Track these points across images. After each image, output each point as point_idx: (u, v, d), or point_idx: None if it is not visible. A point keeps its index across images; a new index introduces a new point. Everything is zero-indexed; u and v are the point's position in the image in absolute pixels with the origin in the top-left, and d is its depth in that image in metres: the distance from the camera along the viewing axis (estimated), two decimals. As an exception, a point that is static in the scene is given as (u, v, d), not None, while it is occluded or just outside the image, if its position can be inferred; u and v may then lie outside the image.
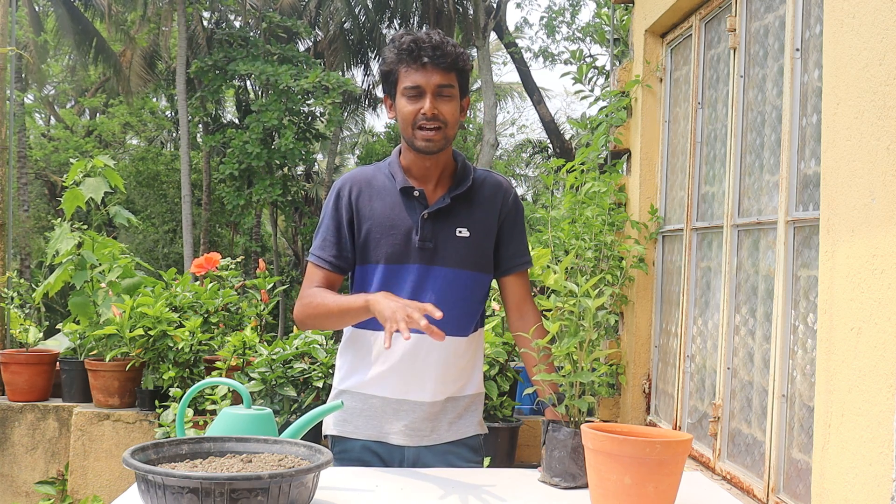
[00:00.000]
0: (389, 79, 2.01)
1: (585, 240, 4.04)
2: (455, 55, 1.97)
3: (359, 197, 2.05)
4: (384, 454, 2.07)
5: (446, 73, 1.96)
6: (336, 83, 14.46)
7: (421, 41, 1.95)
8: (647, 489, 1.50)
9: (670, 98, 4.10)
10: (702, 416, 3.48)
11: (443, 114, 1.96)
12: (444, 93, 1.96)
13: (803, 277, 2.65)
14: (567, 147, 14.82)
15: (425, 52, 1.94)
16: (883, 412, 1.80)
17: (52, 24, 17.06)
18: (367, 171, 2.11)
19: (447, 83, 1.96)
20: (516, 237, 2.13)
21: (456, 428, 2.08)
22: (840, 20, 2.07)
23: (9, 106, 5.40)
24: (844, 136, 2.01)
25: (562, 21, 14.65)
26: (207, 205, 17.17)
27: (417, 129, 1.97)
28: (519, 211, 2.14)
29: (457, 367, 2.07)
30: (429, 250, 2.02)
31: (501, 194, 2.11)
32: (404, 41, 1.96)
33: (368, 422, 2.06)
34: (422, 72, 1.94)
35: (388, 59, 2.00)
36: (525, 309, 2.14)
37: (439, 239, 2.02)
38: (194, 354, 4.08)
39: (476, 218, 2.05)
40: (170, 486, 1.36)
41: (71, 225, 4.63)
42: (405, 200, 2.04)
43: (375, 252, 2.03)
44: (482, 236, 2.05)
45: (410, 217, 2.02)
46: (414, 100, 1.96)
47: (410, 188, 2.03)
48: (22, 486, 4.48)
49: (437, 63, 1.94)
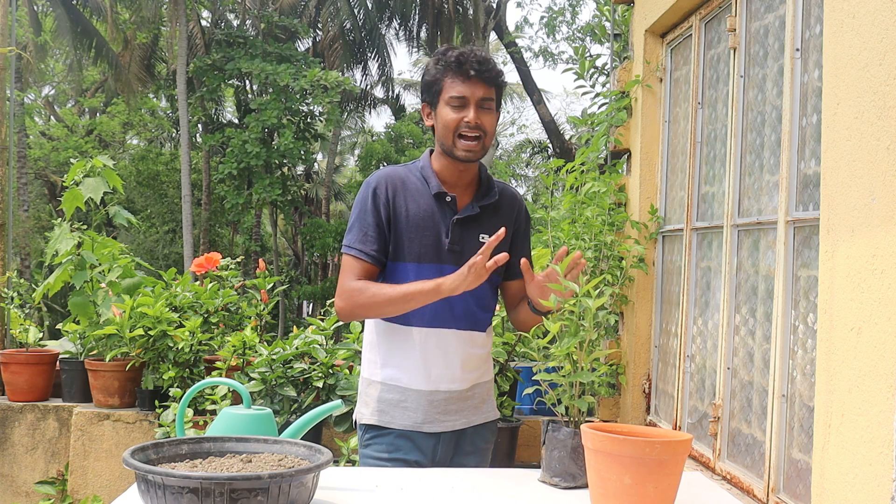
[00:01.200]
0: (433, 88, 2.14)
1: (585, 240, 4.04)
2: (498, 71, 2.13)
3: (395, 196, 2.16)
4: (419, 441, 2.18)
5: (489, 87, 2.11)
6: (334, 82, 14.47)
7: (469, 55, 2.10)
8: (647, 489, 1.50)
9: (670, 98, 4.10)
10: (702, 416, 3.48)
11: (484, 124, 2.11)
12: (486, 105, 2.11)
13: (803, 277, 2.65)
14: (567, 147, 14.81)
15: (472, 65, 2.09)
16: (883, 412, 1.79)
17: (50, 24, 17.06)
18: (400, 172, 2.22)
19: (489, 97, 2.11)
20: (524, 246, 2.30)
21: (482, 411, 2.27)
22: (840, 20, 2.07)
23: (9, 106, 5.40)
24: (844, 136, 2.01)
25: (562, 21, 14.65)
26: (207, 205, 17.18)
27: (459, 138, 2.11)
28: (528, 222, 2.33)
29: (478, 357, 2.24)
30: (456, 252, 2.16)
31: (517, 206, 2.29)
32: (452, 54, 2.11)
33: (405, 413, 2.18)
34: (468, 83, 2.09)
35: (433, 70, 2.14)
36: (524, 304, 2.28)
37: (465, 243, 2.17)
38: (194, 354, 4.08)
39: (497, 226, 2.15)
40: (170, 486, 1.36)
41: (71, 225, 4.63)
42: (437, 204, 2.17)
43: (410, 251, 2.15)
44: (501, 243, 2.12)
45: (442, 221, 2.17)
46: (458, 109, 2.10)
47: (444, 193, 2.17)
48: (22, 486, 4.48)
49: (483, 76, 2.09)
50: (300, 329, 4.07)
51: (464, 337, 2.20)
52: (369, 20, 18.68)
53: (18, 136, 15.07)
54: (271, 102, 14.53)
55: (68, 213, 4.68)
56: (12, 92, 5.51)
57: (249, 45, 15.40)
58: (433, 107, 2.17)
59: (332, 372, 3.70)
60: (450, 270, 2.10)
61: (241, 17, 16.95)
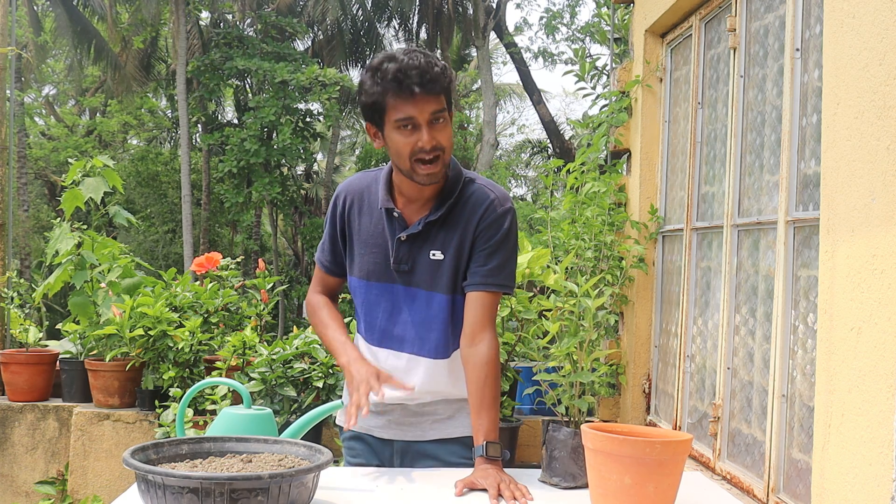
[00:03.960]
0: (374, 108, 1.87)
1: (585, 240, 4.04)
2: (442, 76, 1.84)
3: (350, 209, 2.04)
4: (374, 445, 2.09)
5: (437, 98, 1.84)
6: (333, 79, 14.48)
7: (407, 69, 1.80)
8: (647, 489, 1.50)
9: (670, 98, 4.10)
10: (702, 416, 3.48)
11: (440, 142, 1.86)
12: (439, 118, 1.86)
13: (803, 277, 2.65)
14: (567, 147, 14.82)
15: (413, 80, 1.80)
16: (883, 412, 1.79)
17: (50, 24, 17.06)
18: (365, 181, 2.06)
19: (439, 108, 1.85)
20: (484, 254, 1.95)
21: (443, 427, 2.05)
22: (840, 20, 2.07)
23: (9, 106, 5.40)
24: (844, 136, 2.01)
25: (560, 22, 14.65)
26: (207, 204, 17.18)
27: (417, 163, 1.87)
28: (498, 230, 1.96)
29: (443, 384, 2.02)
30: (405, 272, 1.98)
31: (480, 212, 1.96)
32: (388, 70, 1.81)
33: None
34: (412, 102, 1.82)
35: (371, 88, 1.85)
36: (479, 337, 1.93)
37: (416, 261, 1.98)
38: (194, 354, 4.08)
39: (451, 240, 1.96)
40: (170, 486, 1.36)
41: (70, 225, 4.63)
42: (387, 220, 1.99)
43: (360, 268, 2.03)
44: (456, 258, 1.96)
45: (390, 238, 1.99)
46: (409, 132, 1.85)
47: (391, 209, 1.97)
48: (22, 486, 4.48)
49: (428, 91, 1.82)
50: (300, 329, 4.07)
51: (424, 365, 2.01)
52: (367, 19, 18.68)
53: (18, 136, 15.06)
54: (269, 100, 14.54)
55: (68, 212, 4.68)
56: (12, 92, 5.51)
57: (247, 45, 15.41)
58: (380, 128, 1.90)
59: (332, 372, 3.70)
60: (400, 290, 1.99)
61: (241, 17, 16.95)
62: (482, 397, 1.88)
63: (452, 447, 2.04)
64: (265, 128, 14.84)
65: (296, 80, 14.26)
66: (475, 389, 1.89)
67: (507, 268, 1.98)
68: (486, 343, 1.92)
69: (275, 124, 14.65)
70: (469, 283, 1.96)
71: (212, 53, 15.29)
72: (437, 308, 1.98)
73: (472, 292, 1.95)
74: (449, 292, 1.98)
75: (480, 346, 1.92)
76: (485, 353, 1.91)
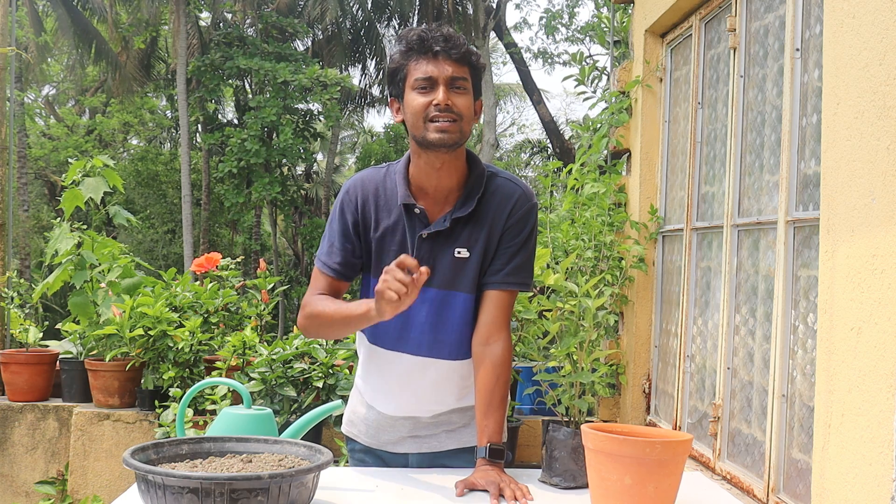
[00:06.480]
0: (397, 76, 1.84)
1: (585, 240, 4.04)
2: (467, 47, 1.82)
3: (365, 205, 1.91)
4: (387, 459, 2.04)
5: (459, 66, 1.80)
6: (333, 79, 14.48)
7: (430, 31, 1.80)
8: (647, 489, 1.50)
9: (670, 98, 4.10)
10: (702, 416, 3.48)
11: (457, 106, 1.79)
12: (458, 85, 1.80)
13: (803, 277, 2.65)
14: (567, 147, 14.81)
15: (436, 41, 1.79)
16: (883, 412, 1.79)
17: (51, 24, 17.06)
18: (377, 177, 1.94)
19: (461, 76, 1.80)
20: (508, 252, 1.89)
21: (458, 436, 2.00)
22: (840, 20, 2.07)
23: (9, 106, 5.40)
24: (844, 136, 2.01)
25: (560, 23, 14.65)
26: (207, 204, 17.18)
27: (430, 122, 1.78)
28: (526, 225, 1.90)
29: (457, 387, 1.96)
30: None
31: (509, 207, 1.89)
32: (412, 35, 1.81)
33: (368, 429, 2.03)
34: (433, 62, 1.79)
35: (396, 56, 1.84)
36: (495, 337, 1.88)
37: (437, 260, 1.87)
38: (194, 354, 4.08)
39: (478, 237, 1.88)
40: (170, 486, 1.36)
41: (70, 225, 4.63)
42: (406, 216, 1.88)
43: (376, 266, 1.91)
44: (482, 256, 1.88)
45: (410, 235, 1.88)
46: (425, 92, 1.79)
47: (412, 205, 1.87)
48: (22, 486, 4.48)
49: (449, 53, 1.79)
50: (306, 337, 4.07)
51: (440, 366, 1.92)
52: (367, 19, 18.69)
53: (18, 136, 15.06)
54: (270, 100, 14.55)
55: (68, 212, 4.68)
56: (12, 92, 5.51)
57: (248, 45, 15.41)
58: (400, 98, 1.85)
59: (332, 372, 3.70)
60: (422, 292, 1.83)
61: (241, 17, 16.95)
62: (491, 398, 1.83)
63: (470, 457, 1.96)
64: (266, 128, 14.85)
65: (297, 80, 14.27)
66: (485, 390, 1.84)
67: (528, 265, 1.92)
68: (500, 343, 1.87)
69: (275, 124, 14.65)
70: (489, 282, 1.89)
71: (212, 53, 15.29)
72: (458, 308, 1.89)
73: (491, 290, 1.89)
74: (472, 292, 1.90)
75: (495, 347, 1.87)
76: (499, 353, 1.86)
